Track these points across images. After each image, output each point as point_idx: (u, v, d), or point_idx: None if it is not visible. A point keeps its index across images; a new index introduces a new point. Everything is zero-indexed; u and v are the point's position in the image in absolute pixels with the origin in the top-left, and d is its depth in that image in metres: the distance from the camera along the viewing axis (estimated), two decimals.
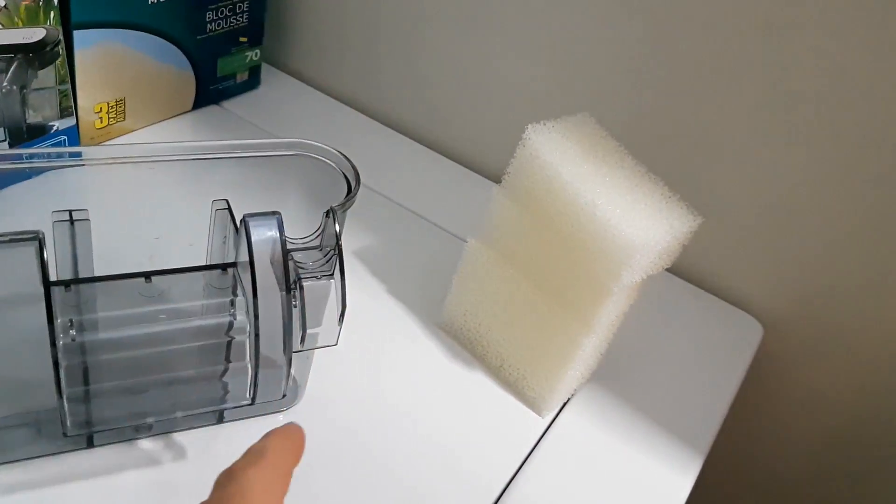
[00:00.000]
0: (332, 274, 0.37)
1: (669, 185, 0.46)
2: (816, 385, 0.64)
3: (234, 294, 0.38)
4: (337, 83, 0.79)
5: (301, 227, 0.40)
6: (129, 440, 0.44)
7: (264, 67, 0.77)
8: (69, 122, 0.59)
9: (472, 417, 0.51)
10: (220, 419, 0.45)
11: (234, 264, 0.37)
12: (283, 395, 0.38)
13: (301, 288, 0.36)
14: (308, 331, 0.37)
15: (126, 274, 0.35)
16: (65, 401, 0.34)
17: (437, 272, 0.58)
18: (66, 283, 0.33)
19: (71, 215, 0.35)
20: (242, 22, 0.71)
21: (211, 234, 0.40)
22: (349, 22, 0.75)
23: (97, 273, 0.38)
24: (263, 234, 0.35)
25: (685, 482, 0.50)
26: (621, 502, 0.48)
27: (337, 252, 0.36)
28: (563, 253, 0.46)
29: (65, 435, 0.36)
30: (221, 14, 0.68)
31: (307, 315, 0.37)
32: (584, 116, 0.49)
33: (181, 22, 0.65)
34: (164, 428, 0.44)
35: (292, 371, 0.40)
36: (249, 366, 0.37)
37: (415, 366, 0.53)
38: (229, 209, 0.39)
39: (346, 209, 0.38)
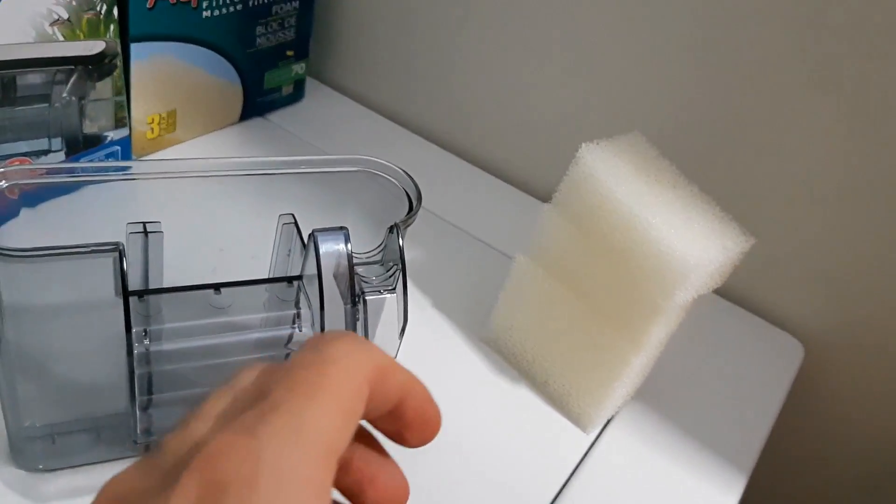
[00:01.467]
0: (395, 288, 0.38)
1: (719, 203, 0.46)
2: (858, 407, 0.64)
3: (297, 307, 0.39)
4: (380, 97, 0.80)
5: (360, 243, 0.41)
6: None
7: (308, 81, 0.78)
8: (123, 132, 0.61)
9: (517, 432, 0.51)
10: None
11: (299, 277, 0.38)
12: None
13: (365, 302, 0.37)
14: None
15: (197, 285, 0.36)
16: (136, 409, 0.35)
17: (481, 288, 0.59)
18: (140, 293, 0.34)
19: (145, 227, 0.35)
20: (290, 36, 0.72)
21: (275, 248, 0.41)
22: (393, 37, 0.76)
23: (165, 284, 0.39)
24: (331, 248, 0.36)
25: (730, 500, 0.50)
26: None
27: (401, 267, 0.37)
28: (615, 271, 0.46)
29: (135, 443, 0.37)
30: (271, 28, 0.69)
31: (369, 328, 0.37)
32: (636, 135, 0.50)
33: (232, 36, 0.66)
34: None
35: None
36: None
37: (460, 380, 0.54)
38: (295, 223, 0.39)
39: (409, 225, 0.39)
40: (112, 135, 0.60)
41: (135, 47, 0.59)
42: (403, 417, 0.23)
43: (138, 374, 0.34)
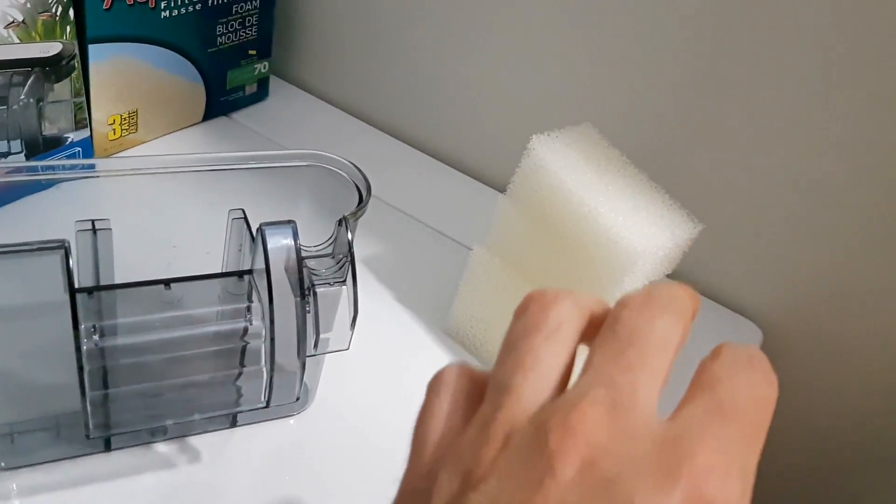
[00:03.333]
0: (345, 280, 0.38)
1: (669, 191, 0.47)
2: (815, 390, 0.65)
3: (250, 300, 0.40)
4: (342, 94, 0.80)
5: (312, 236, 0.41)
6: (146, 444, 0.45)
7: (272, 79, 0.79)
8: (83, 133, 0.61)
9: None
10: (234, 423, 0.47)
11: (249, 271, 0.38)
12: (297, 399, 0.39)
13: (315, 294, 0.37)
14: (321, 336, 0.38)
15: (147, 281, 0.36)
16: (88, 404, 0.35)
17: (442, 279, 0.60)
18: (89, 290, 0.34)
19: (94, 224, 0.36)
20: (252, 35, 0.72)
21: (227, 243, 0.42)
22: (353, 34, 0.76)
23: (117, 280, 0.39)
24: (279, 242, 0.36)
25: None
26: None
27: (349, 259, 0.38)
28: (568, 259, 0.47)
29: (87, 437, 0.37)
30: (232, 28, 0.70)
31: (320, 320, 0.38)
32: (587, 127, 0.50)
33: (193, 35, 0.67)
34: (179, 431, 0.46)
35: (304, 375, 0.41)
36: (265, 370, 0.38)
37: (422, 370, 0.54)
38: (245, 218, 0.40)
39: (358, 218, 0.39)
40: (73, 136, 0.60)
41: (93, 48, 0.59)
42: None
43: (90, 369, 0.35)
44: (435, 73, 0.73)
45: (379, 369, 0.53)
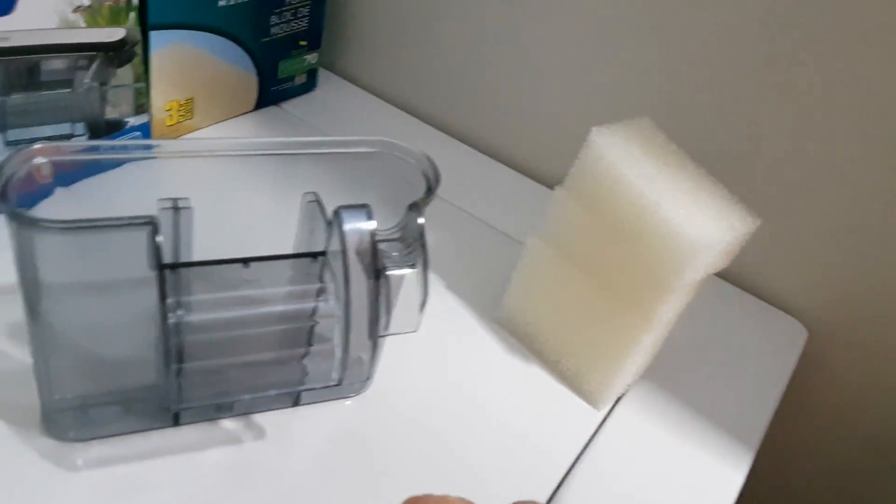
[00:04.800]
0: (415, 264, 0.39)
1: (726, 187, 0.48)
2: (860, 390, 0.66)
3: (321, 281, 0.40)
4: (390, 87, 0.81)
5: (378, 221, 0.42)
6: (213, 420, 0.46)
7: (320, 71, 0.80)
8: (143, 118, 0.62)
9: (529, 409, 0.52)
10: (296, 402, 0.48)
11: (323, 253, 0.39)
12: (367, 378, 0.40)
13: (386, 277, 0.38)
14: (391, 318, 0.39)
15: (227, 259, 0.37)
16: (171, 378, 0.36)
17: (492, 271, 0.60)
18: (176, 266, 0.35)
19: (175, 203, 0.37)
20: (303, 26, 0.73)
21: (299, 225, 0.43)
22: (404, 27, 0.77)
23: (192, 259, 0.40)
24: (355, 225, 0.37)
25: (737, 476, 0.52)
26: (677, 493, 0.49)
27: (421, 244, 0.38)
28: (626, 251, 0.47)
29: (167, 409, 0.38)
30: (284, 18, 0.71)
31: (391, 303, 0.39)
32: (645, 120, 0.51)
33: (248, 25, 0.68)
34: (244, 409, 0.47)
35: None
36: (338, 349, 0.39)
37: (473, 358, 0.55)
38: (319, 201, 0.41)
39: (428, 204, 0.40)
40: (132, 121, 0.61)
41: (154, 35, 0.60)
42: None
43: (173, 343, 0.36)
44: (484, 66, 0.73)
45: (431, 356, 0.54)
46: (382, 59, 0.80)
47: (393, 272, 0.39)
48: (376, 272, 0.38)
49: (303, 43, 0.75)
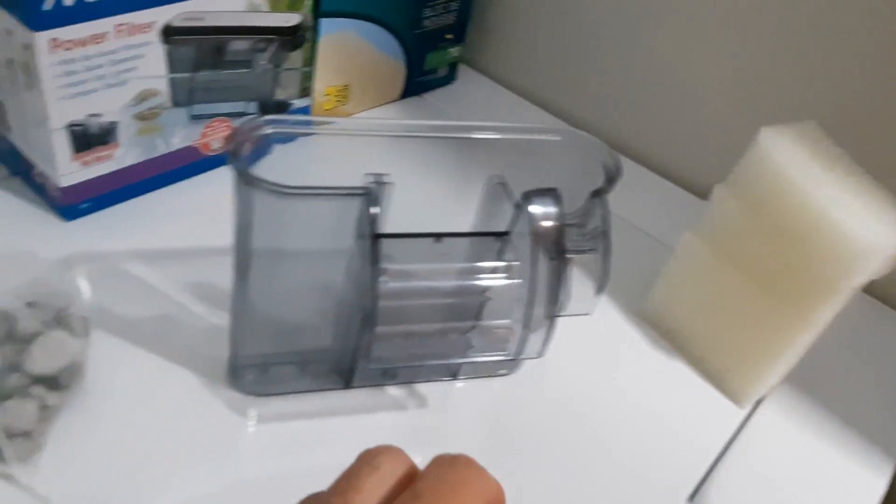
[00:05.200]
0: (597, 249, 0.41)
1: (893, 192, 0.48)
2: None
3: (499, 259, 0.42)
4: (528, 83, 0.83)
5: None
6: (379, 385, 0.49)
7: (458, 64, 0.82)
8: (306, 101, 0.66)
9: (672, 403, 0.53)
10: (455, 375, 0.50)
11: (507, 233, 0.41)
12: (540, 355, 0.42)
13: (568, 259, 0.40)
14: (568, 299, 0.41)
15: (423, 233, 0.40)
16: (374, 339, 0.39)
17: (635, 268, 0.61)
18: (386, 236, 0.38)
19: (379, 178, 0.39)
20: (451, 20, 0.76)
21: (480, 205, 0.45)
22: (547, 26, 0.79)
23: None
24: (543, 208, 0.39)
25: (879, 484, 0.52)
26: (818, 495, 0.50)
27: (604, 230, 0.40)
28: (789, 252, 0.48)
29: (370, 368, 0.41)
30: (437, 11, 0.73)
31: (569, 285, 0.41)
32: (810, 124, 0.51)
33: (405, 16, 0.71)
34: (407, 378, 0.49)
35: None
36: (518, 326, 0.41)
37: (618, 350, 0.56)
38: (505, 183, 0.43)
39: (609, 192, 0.42)
40: (297, 103, 0.65)
41: (324, 22, 0.64)
42: None
43: (372, 308, 0.38)
44: (625, 67, 0.75)
45: (578, 344, 0.55)
46: (522, 56, 0.82)
47: (574, 255, 0.40)
48: (560, 254, 0.39)
49: (449, 36, 0.77)
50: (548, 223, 0.39)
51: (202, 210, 0.59)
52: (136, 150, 0.55)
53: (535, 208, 0.39)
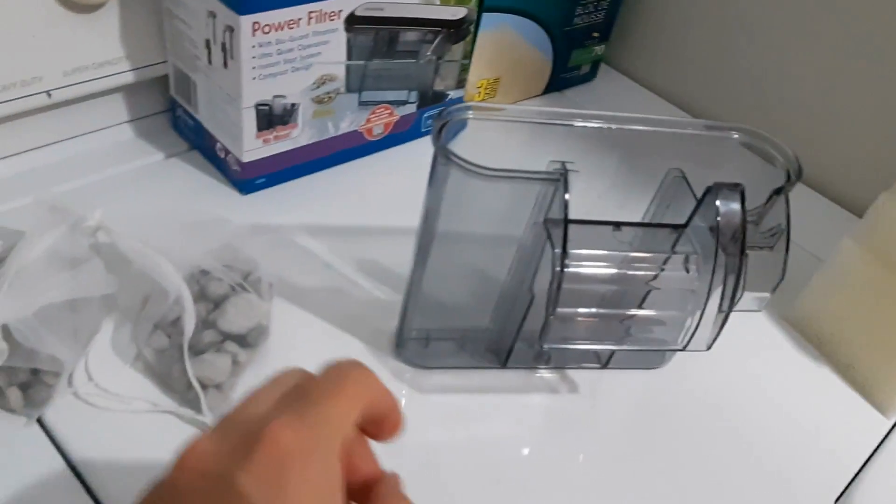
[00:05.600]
0: (773, 246, 0.41)
1: None
2: None
3: (672, 251, 0.43)
4: (669, 85, 0.83)
5: None
6: (532, 368, 0.51)
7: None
8: (460, 93, 0.68)
9: (816, 408, 0.53)
10: (605, 364, 0.51)
11: (685, 225, 0.42)
12: (708, 348, 0.43)
13: (747, 255, 0.41)
14: (741, 295, 0.42)
15: (604, 221, 0.41)
16: (551, 321, 0.40)
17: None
18: (576, 222, 0.39)
19: (564, 165, 0.41)
20: (599, 19, 0.77)
21: (656, 196, 0.46)
22: (693, 29, 0.79)
23: None
24: (729, 204, 0.40)
25: None
26: None
27: (784, 228, 0.41)
28: None
29: (541, 349, 0.43)
30: (587, 10, 0.75)
31: (745, 281, 0.41)
32: None
33: (559, 13, 0.72)
34: (559, 363, 0.51)
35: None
36: (691, 317, 0.42)
37: (763, 352, 0.56)
38: (685, 177, 0.44)
39: (791, 191, 0.42)
40: (452, 94, 0.67)
41: (486, 16, 0.66)
42: (381, 427, 0.30)
43: (553, 289, 0.40)
44: (775, 75, 0.74)
45: (724, 344, 0.56)
46: (664, 57, 0.83)
47: (752, 252, 0.41)
48: (741, 250, 0.40)
49: (595, 35, 0.78)
50: (732, 218, 0.40)
51: (363, 191, 0.62)
52: (310, 132, 0.59)
53: (720, 202, 0.40)
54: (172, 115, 0.63)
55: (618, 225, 0.42)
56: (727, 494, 0.47)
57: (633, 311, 0.46)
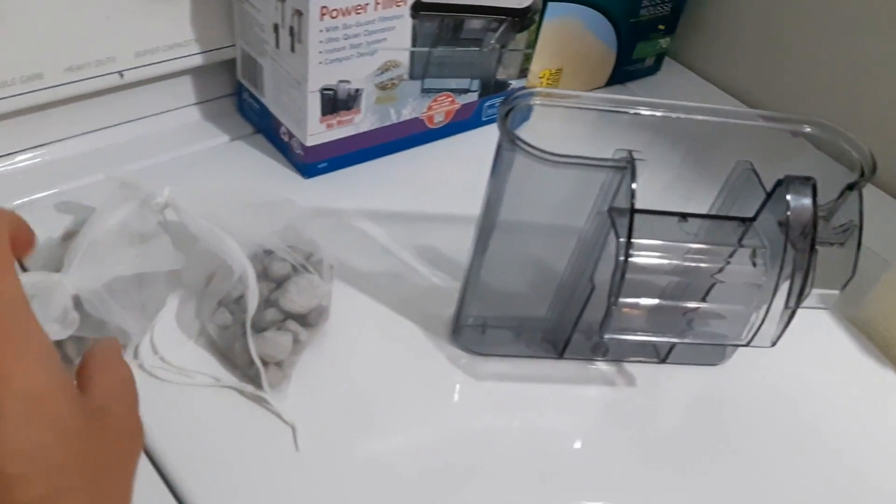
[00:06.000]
0: (844, 243, 0.40)
1: None
2: None
3: (740, 245, 0.43)
4: (734, 80, 0.81)
5: None
6: (589, 360, 0.50)
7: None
8: (522, 82, 0.68)
9: (880, 412, 0.52)
10: (663, 359, 0.51)
11: (753, 219, 0.42)
12: (773, 344, 0.42)
13: (815, 251, 0.40)
14: (808, 292, 0.41)
15: (671, 211, 0.41)
16: (614, 311, 0.40)
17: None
18: (641, 212, 0.39)
19: (631, 154, 0.40)
20: (665, 11, 0.76)
21: (724, 188, 0.45)
22: (760, 24, 0.77)
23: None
24: (800, 198, 0.39)
25: None
26: None
27: (857, 224, 0.40)
28: None
29: (601, 338, 0.42)
30: (653, 2, 0.73)
31: (813, 277, 0.40)
32: None
33: (624, 5, 0.71)
34: (615, 355, 0.50)
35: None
36: (756, 313, 0.41)
37: (825, 352, 0.55)
38: (755, 170, 0.43)
39: (863, 187, 0.41)
40: (514, 83, 0.67)
41: (551, 5, 0.65)
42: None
43: (617, 279, 0.39)
44: (841, 74, 0.72)
45: (784, 342, 0.54)
46: (730, 52, 0.81)
47: (821, 247, 0.40)
48: (811, 245, 0.39)
49: (661, 27, 0.77)
50: (802, 212, 0.39)
51: (422, 179, 0.62)
52: (372, 118, 0.59)
53: (791, 196, 0.39)
54: (238, 98, 0.64)
55: (684, 216, 0.41)
56: (787, 498, 0.46)
57: (697, 304, 0.45)
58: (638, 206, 0.39)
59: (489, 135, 0.41)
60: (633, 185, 0.38)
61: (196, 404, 0.44)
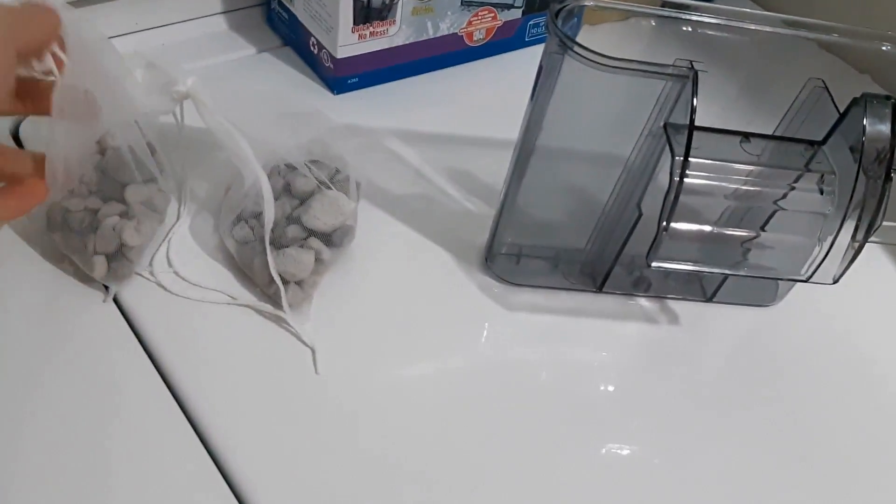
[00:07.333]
0: None
1: None
2: None
3: (807, 169, 0.39)
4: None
5: None
6: (630, 295, 0.47)
7: None
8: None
9: None
10: (710, 298, 0.47)
11: (823, 142, 0.38)
12: (835, 282, 0.39)
13: (891, 179, 0.36)
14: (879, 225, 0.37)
15: (733, 130, 0.37)
16: (663, 237, 0.37)
17: None
18: (702, 129, 0.35)
19: (692, 65, 0.36)
20: None
21: (794, 108, 0.41)
22: None
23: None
24: (877, 120, 0.35)
25: None
26: None
27: None
28: None
29: (649, 266, 0.39)
30: None
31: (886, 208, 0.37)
32: None
33: None
34: (658, 291, 0.47)
35: None
36: (819, 245, 0.37)
37: (888, 294, 0.51)
38: (827, 89, 0.39)
39: None
40: None
41: None
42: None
43: (668, 200, 0.36)
44: None
45: (847, 284, 0.50)
46: None
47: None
48: (886, 172, 0.35)
49: None
50: (879, 136, 0.35)
51: (459, 99, 0.58)
52: (408, 31, 0.55)
53: (868, 118, 0.35)
54: (267, 8, 0.60)
55: (746, 136, 0.38)
56: (839, 448, 0.43)
57: (755, 233, 0.41)
58: (697, 123, 0.35)
59: (532, 56, 0.37)
60: (694, 100, 0.34)
61: (211, 322, 0.42)
